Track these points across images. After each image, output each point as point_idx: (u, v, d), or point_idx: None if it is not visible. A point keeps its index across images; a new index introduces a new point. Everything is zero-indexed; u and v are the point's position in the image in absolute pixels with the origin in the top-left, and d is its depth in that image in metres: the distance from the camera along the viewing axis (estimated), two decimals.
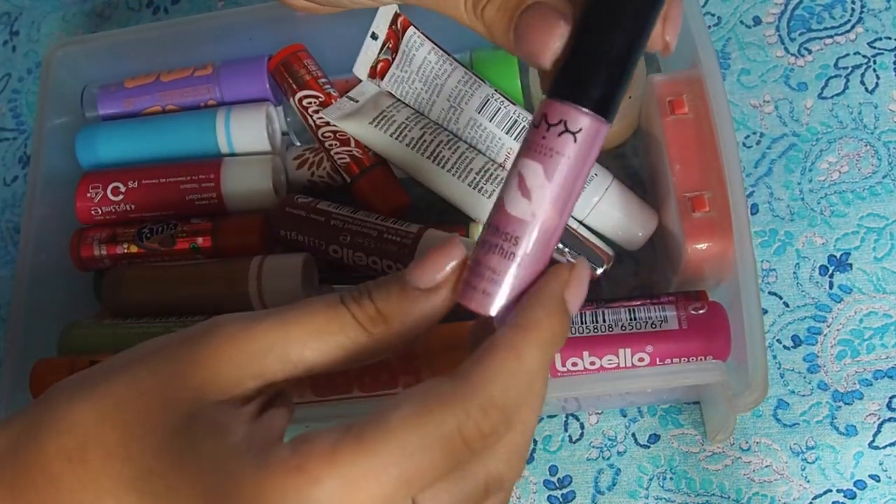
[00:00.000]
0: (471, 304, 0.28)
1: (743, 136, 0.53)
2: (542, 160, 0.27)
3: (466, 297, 0.28)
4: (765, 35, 0.55)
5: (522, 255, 0.27)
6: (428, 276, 0.28)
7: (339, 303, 0.27)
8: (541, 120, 0.27)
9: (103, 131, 0.53)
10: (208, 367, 0.26)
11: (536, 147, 0.27)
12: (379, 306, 0.27)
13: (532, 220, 0.27)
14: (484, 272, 0.28)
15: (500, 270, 0.27)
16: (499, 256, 0.27)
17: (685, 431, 0.48)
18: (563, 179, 0.27)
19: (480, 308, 0.28)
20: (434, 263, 0.28)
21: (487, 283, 0.28)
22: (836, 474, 0.46)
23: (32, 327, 0.49)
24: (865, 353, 0.47)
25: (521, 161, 0.28)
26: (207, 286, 0.47)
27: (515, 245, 0.27)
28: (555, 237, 0.28)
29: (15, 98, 0.65)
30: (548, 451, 0.48)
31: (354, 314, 0.27)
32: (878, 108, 0.52)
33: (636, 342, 0.41)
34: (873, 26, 0.54)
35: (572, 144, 0.27)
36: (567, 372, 0.42)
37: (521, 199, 0.27)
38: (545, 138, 0.27)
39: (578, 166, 0.27)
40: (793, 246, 0.50)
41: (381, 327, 0.27)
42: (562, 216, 0.28)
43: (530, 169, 0.27)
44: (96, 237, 0.51)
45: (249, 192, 0.50)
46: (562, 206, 0.28)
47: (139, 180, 0.51)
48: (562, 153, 0.27)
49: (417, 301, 0.28)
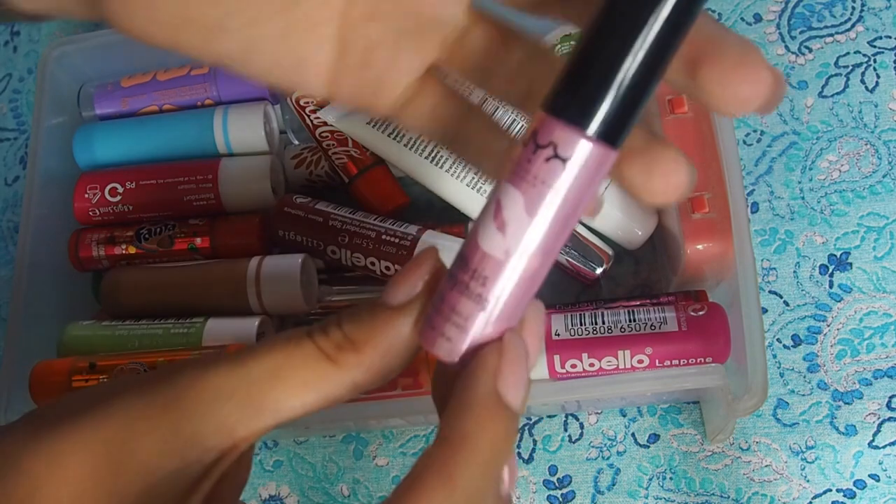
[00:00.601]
0: (431, 348, 0.23)
1: (743, 134, 0.53)
2: (525, 189, 0.21)
3: (428, 340, 0.23)
4: (765, 33, 0.55)
5: (492, 302, 0.22)
6: (400, 292, 0.24)
7: (303, 336, 0.24)
8: (530, 137, 0.22)
9: (100, 131, 0.53)
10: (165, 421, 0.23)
11: (520, 171, 0.21)
12: (346, 331, 0.24)
13: (506, 259, 0.22)
14: (448, 314, 0.23)
15: (465, 315, 0.23)
16: (465, 298, 0.22)
17: (685, 431, 0.48)
18: (548, 217, 0.21)
19: (441, 354, 0.23)
20: (406, 278, 0.24)
21: (451, 328, 0.23)
22: (835, 474, 0.45)
23: (32, 327, 0.49)
24: (865, 353, 0.47)
25: (501, 185, 0.22)
26: (206, 287, 0.47)
27: (484, 287, 0.22)
28: (535, 283, 0.23)
29: (16, 98, 0.65)
30: (547, 450, 0.48)
31: (319, 345, 0.24)
32: (878, 107, 0.52)
33: (635, 344, 0.41)
34: (874, 25, 0.53)
35: (562, 174, 0.21)
36: (566, 374, 0.42)
37: (495, 233, 0.22)
38: (531, 162, 0.21)
39: (571, 202, 0.21)
40: (793, 245, 0.50)
41: (351, 356, 0.24)
42: (544, 260, 0.22)
43: (509, 197, 0.22)
44: (95, 238, 0.51)
45: (247, 193, 0.50)
46: (546, 248, 0.22)
47: (137, 181, 0.50)
48: (548, 184, 0.21)
49: (389, 321, 0.24)
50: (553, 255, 0.23)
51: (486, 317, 0.23)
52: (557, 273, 0.50)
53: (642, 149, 0.22)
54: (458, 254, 0.23)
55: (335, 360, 0.24)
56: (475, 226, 0.23)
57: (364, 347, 0.24)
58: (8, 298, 0.50)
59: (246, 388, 0.24)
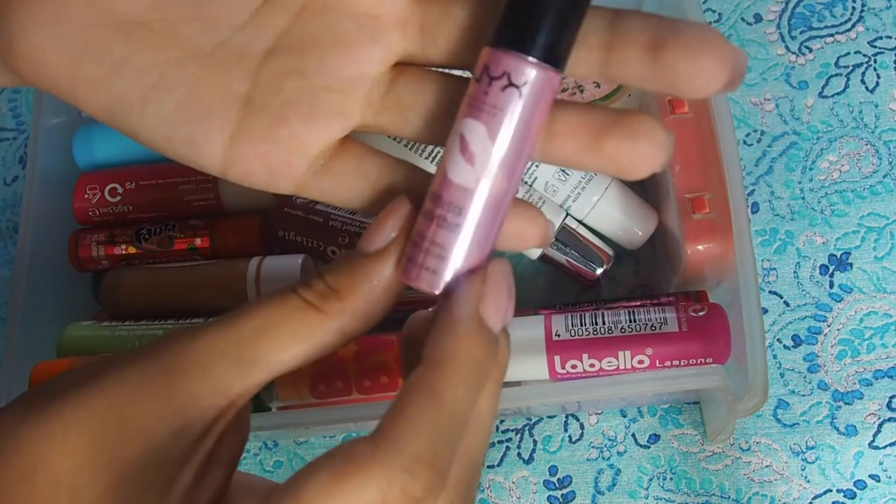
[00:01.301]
0: (415, 282, 0.25)
1: (743, 134, 0.53)
2: (485, 119, 0.24)
3: (410, 275, 0.25)
4: (766, 33, 0.55)
5: (469, 227, 0.24)
6: (374, 239, 0.25)
7: (288, 290, 0.25)
8: (482, 73, 0.24)
9: (100, 131, 0.53)
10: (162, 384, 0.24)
11: (478, 104, 0.24)
12: (329, 281, 0.25)
13: (476, 187, 0.24)
14: (427, 247, 0.25)
15: (444, 245, 0.24)
16: (443, 230, 0.24)
17: (685, 431, 0.48)
18: (510, 140, 0.24)
19: (425, 286, 0.25)
20: (380, 226, 0.25)
21: (432, 259, 0.25)
22: (836, 474, 0.46)
23: (32, 328, 0.48)
24: (866, 353, 0.47)
25: (462, 121, 0.24)
26: (206, 287, 0.47)
27: (460, 216, 0.24)
28: (505, 203, 0.25)
29: (15, 98, 0.64)
30: (548, 451, 0.48)
31: (304, 296, 0.25)
32: (878, 107, 0.52)
33: (636, 344, 0.41)
34: (874, 25, 0.53)
35: (518, 100, 0.24)
36: (566, 374, 0.42)
37: (463, 165, 0.24)
38: (487, 94, 0.24)
39: (527, 124, 0.24)
40: (793, 245, 0.50)
41: (335, 303, 0.25)
42: (511, 180, 0.25)
43: (472, 130, 0.24)
44: (94, 238, 0.51)
45: (247, 193, 0.50)
46: (510, 168, 0.24)
47: (137, 181, 0.50)
48: (506, 110, 0.24)
49: (368, 267, 0.25)
50: (517, 177, 0.25)
51: (464, 243, 0.25)
52: (557, 273, 0.50)
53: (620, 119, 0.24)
54: (430, 194, 0.25)
55: (320, 309, 0.25)
56: (442, 164, 0.25)
57: (346, 294, 0.25)
58: (8, 298, 0.50)
59: (237, 347, 0.24)
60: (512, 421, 0.49)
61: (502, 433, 0.49)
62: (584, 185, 0.48)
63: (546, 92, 0.24)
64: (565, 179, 0.48)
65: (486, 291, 0.24)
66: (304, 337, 0.25)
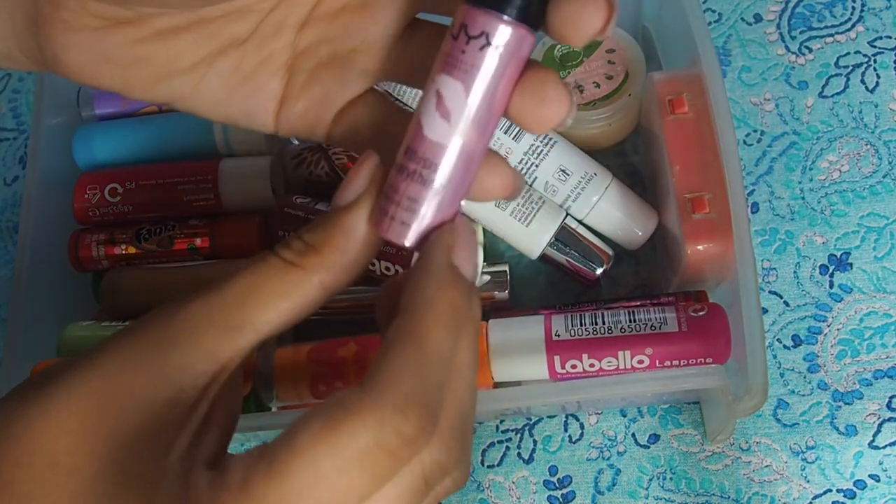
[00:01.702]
0: (386, 234, 0.26)
1: (743, 134, 0.53)
2: (462, 77, 0.24)
3: (382, 226, 0.26)
4: (766, 32, 0.55)
5: (441, 182, 0.25)
6: (345, 193, 0.26)
7: (268, 252, 0.26)
8: (460, 31, 0.25)
9: (100, 131, 0.53)
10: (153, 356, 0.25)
11: (455, 62, 0.24)
12: (306, 239, 0.26)
13: (451, 143, 0.25)
14: (400, 200, 0.25)
15: (416, 198, 0.25)
16: (416, 183, 0.25)
17: (685, 431, 0.48)
18: (485, 98, 0.25)
19: (396, 238, 0.26)
20: (351, 180, 0.26)
21: (403, 212, 0.25)
22: (835, 474, 0.46)
23: (32, 328, 0.48)
24: (865, 353, 0.47)
25: (438, 78, 0.25)
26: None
27: (433, 171, 0.25)
28: (475, 160, 0.26)
29: (15, 98, 0.65)
30: (548, 451, 0.48)
31: (283, 256, 0.26)
32: (878, 107, 0.52)
33: (636, 344, 0.41)
34: (874, 25, 0.53)
35: (495, 59, 0.24)
36: (566, 374, 0.42)
37: (439, 121, 0.25)
38: (465, 52, 0.24)
39: (503, 83, 0.25)
40: (793, 245, 0.50)
41: (313, 258, 0.26)
42: (482, 138, 0.25)
43: (449, 87, 0.25)
44: (94, 238, 0.51)
45: (247, 193, 0.50)
46: (483, 126, 0.25)
47: (137, 181, 0.50)
48: (483, 69, 0.24)
49: (342, 220, 0.26)
50: (489, 134, 0.26)
51: (436, 197, 0.25)
52: (557, 273, 0.50)
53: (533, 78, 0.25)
54: (404, 147, 0.26)
55: (299, 265, 0.26)
56: (416, 118, 0.25)
57: (323, 248, 0.26)
58: (8, 298, 0.50)
59: (223, 312, 0.25)
60: (512, 421, 0.49)
61: (502, 433, 0.49)
62: (583, 185, 0.48)
63: (522, 51, 0.25)
64: (565, 179, 0.48)
65: (457, 242, 0.26)
66: (286, 294, 0.25)
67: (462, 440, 0.25)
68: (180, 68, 0.28)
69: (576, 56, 0.51)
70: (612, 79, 0.50)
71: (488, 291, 0.48)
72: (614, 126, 0.50)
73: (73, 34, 0.27)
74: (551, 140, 0.48)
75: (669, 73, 0.47)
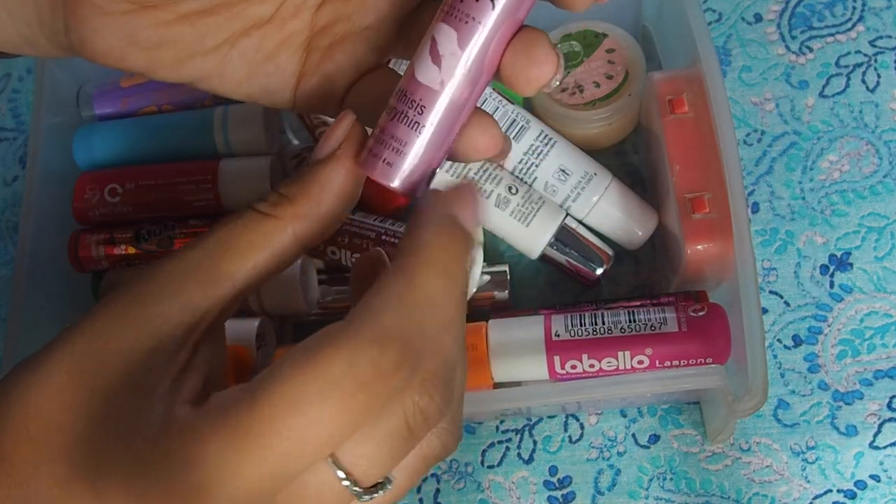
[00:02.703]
0: (372, 173, 0.27)
1: (744, 134, 0.53)
2: (458, 26, 0.25)
3: (368, 166, 0.27)
4: (766, 32, 0.54)
5: (428, 126, 0.26)
6: (323, 148, 0.27)
7: (245, 207, 0.27)
8: None
9: (100, 131, 0.53)
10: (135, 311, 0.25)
11: (453, 11, 0.25)
12: (282, 191, 0.27)
13: (440, 89, 0.26)
14: (388, 141, 0.26)
15: (403, 140, 0.26)
16: (404, 125, 0.26)
17: (685, 432, 0.47)
18: (477, 49, 0.25)
19: (381, 177, 0.26)
20: (329, 135, 0.27)
21: (390, 153, 0.26)
22: (836, 474, 0.45)
23: (32, 327, 0.48)
24: (866, 353, 0.47)
25: (436, 25, 0.26)
26: None
27: (421, 114, 0.26)
28: (464, 112, 0.26)
29: (15, 98, 0.64)
30: (548, 451, 0.48)
31: (258, 208, 0.27)
32: (878, 107, 0.52)
33: (636, 345, 0.41)
34: (874, 25, 0.53)
35: (490, 12, 0.25)
36: (566, 374, 0.42)
37: (431, 66, 0.26)
38: (463, 2, 0.25)
39: (496, 37, 0.25)
40: (794, 245, 0.50)
41: (287, 208, 0.26)
42: (473, 90, 0.26)
43: (444, 34, 0.26)
44: (94, 238, 0.51)
45: (247, 193, 0.50)
46: (473, 78, 0.26)
47: (136, 181, 0.50)
48: (478, 20, 0.25)
49: (316, 173, 0.27)
50: (478, 91, 0.26)
51: (422, 140, 0.26)
52: (557, 273, 0.50)
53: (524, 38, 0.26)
54: (397, 89, 0.27)
55: (273, 215, 0.26)
56: (412, 63, 0.26)
57: (298, 198, 0.27)
58: (8, 298, 0.50)
59: (201, 265, 0.26)
60: (512, 421, 0.49)
61: (502, 433, 0.49)
62: (583, 185, 0.48)
63: (520, 13, 0.25)
64: (565, 179, 0.48)
65: (459, 194, 0.27)
66: (260, 245, 0.26)
67: (447, 392, 0.25)
68: (204, 49, 0.29)
69: (576, 56, 0.51)
70: (612, 78, 0.50)
71: (488, 291, 0.48)
72: (614, 126, 0.50)
73: (102, 17, 0.28)
74: (551, 140, 0.48)
75: (669, 72, 0.47)
